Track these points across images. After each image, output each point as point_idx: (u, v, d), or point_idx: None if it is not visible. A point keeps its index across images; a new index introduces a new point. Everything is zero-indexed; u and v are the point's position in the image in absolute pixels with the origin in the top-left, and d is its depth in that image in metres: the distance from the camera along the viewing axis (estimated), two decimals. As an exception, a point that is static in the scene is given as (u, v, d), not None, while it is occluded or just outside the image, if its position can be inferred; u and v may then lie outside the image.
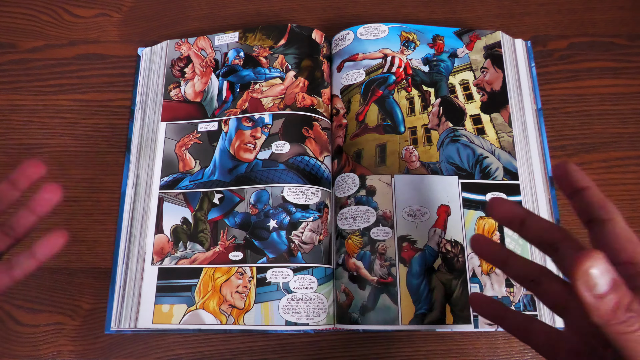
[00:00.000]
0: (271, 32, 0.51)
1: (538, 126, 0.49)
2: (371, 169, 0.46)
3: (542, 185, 0.47)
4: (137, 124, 0.51)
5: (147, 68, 0.53)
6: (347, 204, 0.45)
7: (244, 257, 0.44)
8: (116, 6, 0.57)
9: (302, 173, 0.46)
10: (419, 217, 0.44)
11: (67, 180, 0.49)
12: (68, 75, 0.54)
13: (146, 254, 0.46)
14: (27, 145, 0.51)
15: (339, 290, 0.44)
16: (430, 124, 0.48)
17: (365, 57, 0.50)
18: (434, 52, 0.51)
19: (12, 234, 0.32)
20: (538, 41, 0.54)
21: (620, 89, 0.52)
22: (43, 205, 0.32)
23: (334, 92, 0.50)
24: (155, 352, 0.44)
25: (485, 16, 0.56)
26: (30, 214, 0.32)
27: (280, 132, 0.47)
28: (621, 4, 0.55)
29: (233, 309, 0.43)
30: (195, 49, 0.53)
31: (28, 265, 0.32)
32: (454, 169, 0.46)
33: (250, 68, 0.51)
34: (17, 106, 0.52)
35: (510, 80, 0.51)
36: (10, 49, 0.55)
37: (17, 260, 0.31)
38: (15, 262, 0.31)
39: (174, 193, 0.48)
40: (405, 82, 0.49)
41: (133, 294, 0.45)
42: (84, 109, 0.52)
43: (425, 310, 0.42)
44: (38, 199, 0.33)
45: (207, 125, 0.50)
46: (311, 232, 0.44)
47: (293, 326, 0.42)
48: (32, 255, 0.32)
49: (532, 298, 0.43)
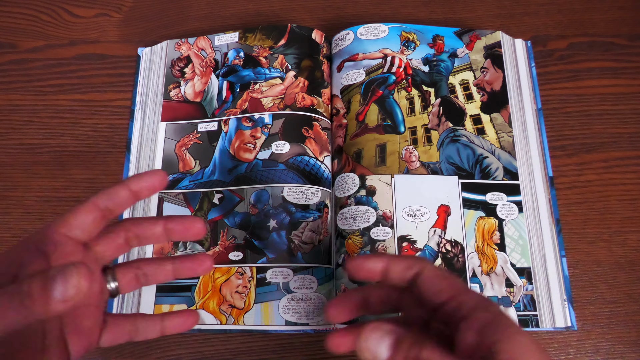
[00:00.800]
0: (271, 32, 0.51)
1: (538, 126, 0.49)
2: (371, 169, 0.46)
3: (542, 185, 0.47)
4: (137, 124, 0.51)
5: (147, 68, 0.53)
6: (347, 204, 0.45)
7: (243, 257, 0.44)
8: (116, 6, 0.57)
9: (302, 173, 0.46)
10: (419, 217, 0.44)
11: (67, 180, 0.49)
12: (68, 75, 0.54)
13: (146, 254, 0.46)
14: (27, 145, 0.51)
15: (339, 290, 0.44)
16: (430, 124, 0.48)
17: (365, 57, 0.50)
18: (434, 52, 0.51)
19: (143, 281, 0.30)
20: (538, 41, 0.54)
21: (620, 89, 0.52)
22: None
23: (334, 92, 0.50)
24: (155, 352, 0.44)
25: (485, 16, 0.56)
26: (166, 267, 0.31)
27: (280, 132, 0.47)
28: (621, 4, 0.55)
29: (233, 309, 0.43)
30: (195, 49, 0.53)
31: (152, 333, 0.30)
32: (454, 169, 0.46)
33: (250, 68, 0.51)
34: (17, 106, 0.52)
35: (510, 80, 0.51)
36: (10, 49, 0.55)
37: (142, 324, 0.30)
38: (140, 324, 0.30)
39: (174, 193, 0.48)
40: (405, 82, 0.49)
41: (133, 294, 0.45)
42: (84, 109, 0.52)
43: (425, 310, 0.42)
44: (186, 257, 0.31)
45: (207, 125, 0.50)
46: (311, 232, 0.44)
47: (293, 326, 0.42)
48: (161, 324, 0.30)
49: (532, 298, 0.43)
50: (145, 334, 0.30)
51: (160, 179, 0.28)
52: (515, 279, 0.43)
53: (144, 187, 0.28)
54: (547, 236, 0.45)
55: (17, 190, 0.49)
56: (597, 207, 0.48)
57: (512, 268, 0.44)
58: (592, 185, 0.48)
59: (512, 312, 0.42)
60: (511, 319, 0.23)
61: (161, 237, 0.30)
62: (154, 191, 0.28)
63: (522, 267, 0.44)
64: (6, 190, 0.49)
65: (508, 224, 0.45)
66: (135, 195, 0.28)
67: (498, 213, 0.45)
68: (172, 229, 0.29)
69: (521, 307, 0.43)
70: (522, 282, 0.43)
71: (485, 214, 0.45)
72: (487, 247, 0.44)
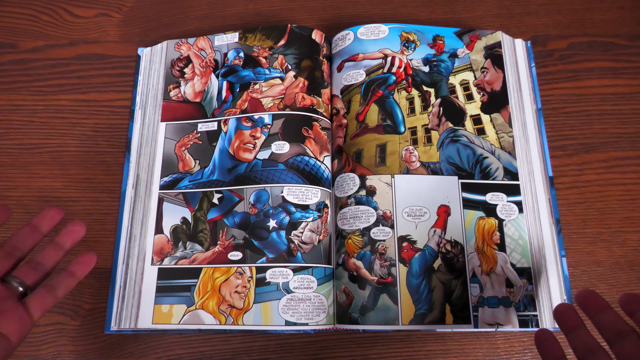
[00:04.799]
0: (271, 33, 0.51)
1: (538, 126, 0.49)
2: (371, 169, 0.46)
3: (542, 185, 0.47)
4: (137, 124, 0.51)
5: (147, 68, 0.53)
6: (347, 204, 0.45)
7: (243, 257, 0.44)
8: (116, 6, 0.57)
9: (302, 173, 0.46)
10: (419, 217, 0.44)
11: (67, 180, 0.49)
12: (68, 75, 0.54)
13: (146, 254, 0.46)
14: (27, 145, 0.51)
15: (339, 290, 0.44)
16: (431, 124, 0.48)
17: (366, 57, 0.50)
18: (434, 52, 0.51)
19: (41, 269, 0.34)
20: (538, 41, 0.54)
21: (620, 89, 0.52)
22: (70, 240, 0.36)
23: (334, 92, 0.50)
24: (155, 352, 0.44)
25: (485, 16, 0.56)
26: (58, 250, 0.36)
27: (280, 132, 0.47)
28: (621, 4, 0.55)
29: (232, 309, 0.43)
30: (195, 49, 0.53)
31: (69, 283, 0.35)
32: (454, 169, 0.46)
33: (250, 68, 0.51)
34: (17, 106, 0.52)
35: (510, 81, 0.51)
36: (10, 49, 0.55)
37: (58, 280, 0.34)
38: (56, 282, 0.34)
39: (174, 193, 0.48)
40: (406, 82, 0.49)
41: (133, 294, 0.45)
42: (84, 109, 0.52)
43: (425, 310, 0.42)
44: (65, 234, 0.36)
45: (207, 125, 0.50)
46: (311, 232, 0.44)
47: (293, 326, 0.42)
48: (71, 274, 0.35)
49: (532, 298, 0.43)
50: (65, 287, 0.34)
51: (56, 214, 0.36)
52: (515, 279, 0.43)
53: (40, 218, 0.35)
54: (547, 236, 0.45)
55: (17, 190, 0.49)
56: (597, 207, 0.48)
57: (512, 268, 0.44)
58: (592, 185, 0.48)
59: (512, 312, 0.42)
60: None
61: (32, 232, 0.35)
62: (52, 223, 0.36)
63: (522, 267, 0.44)
64: (6, 190, 0.49)
65: (508, 224, 0.45)
66: (34, 228, 0.35)
67: (498, 213, 0.45)
68: (36, 222, 0.35)
69: (521, 307, 0.43)
70: (522, 282, 0.43)
71: (485, 214, 0.45)
72: (487, 247, 0.44)
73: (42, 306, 0.33)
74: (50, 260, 0.35)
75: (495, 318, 0.42)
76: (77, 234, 0.36)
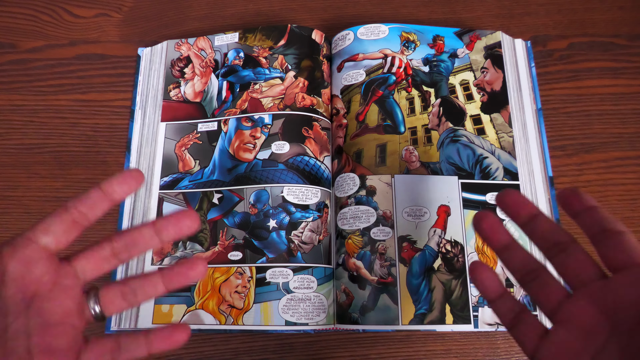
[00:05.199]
0: (271, 33, 0.51)
1: (538, 126, 0.49)
2: (371, 169, 0.46)
3: (542, 185, 0.47)
4: (137, 124, 0.51)
5: (147, 68, 0.53)
6: (347, 204, 0.45)
7: (243, 257, 0.44)
8: (116, 6, 0.57)
9: (302, 173, 0.46)
10: (419, 217, 0.44)
11: (67, 180, 0.49)
12: (68, 75, 0.54)
13: (146, 254, 0.46)
14: (27, 145, 0.51)
15: (339, 290, 0.44)
16: (431, 124, 0.48)
17: (366, 57, 0.50)
18: (434, 52, 0.51)
19: (131, 299, 0.28)
20: (538, 41, 0.54)
21: (620, 89, 0.52)
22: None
23: (334, 92, 0.50)
24: (155, 352, 0.44)
25: (485, 16, 0.56)
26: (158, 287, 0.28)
27: (280, 132, 0.47)
28: (621, 4, 0.55)
29: (232, 309, 0.43)
30: (195, 49, 0.53)
31: (138, 352, 0.27)
32: (454, 169, 0.46)
33: (250, 68, 0.51)
34: (17, 106, 0.52)
35: (510, 81, 0.51)
36: (10, 49, 0.55)
37: (126, 342, 0.27)
38: (123, 343, 0.27)
39: (174, 193, 0.48)
40: (406, 82, 0.49)
41: (133, 294, 0.45)
42: (84, 109, 0.52)
43: (425, 310, 0.42)
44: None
45: (207, 125, 0.50)
46: (311, 232, 0.44)
47: (293, 326, 0.42)
48: (146, 342, 0.27)
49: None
50: (130, 353, 0.27)
51: (134, 178, 0.26)
52: (515, 279, 0.43)
53: (115, 186, 0.26)
54: (547, 236, 0.45)
55: (17, 190, 0.49)
56: (597, 207, 0.47)
57: (512, 268, 0.44)
58: (592, 185, 0.48)
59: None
60: None
61: (152, 240, 0.27)
62: (128, 191, 0.27)
63: (522, 267, 0.44)
64: (6, 190, 0.49)
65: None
66: (109, 197, 0.26)
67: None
68: (162, 227, 0.27)
69: (521, 307, 0.43)
70: (522, 282, 0.43)
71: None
72: (487, 247, 0.44)
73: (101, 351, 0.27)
74: (147, 291, 0.28)
75: (495, 318, 0.42)
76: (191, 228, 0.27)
